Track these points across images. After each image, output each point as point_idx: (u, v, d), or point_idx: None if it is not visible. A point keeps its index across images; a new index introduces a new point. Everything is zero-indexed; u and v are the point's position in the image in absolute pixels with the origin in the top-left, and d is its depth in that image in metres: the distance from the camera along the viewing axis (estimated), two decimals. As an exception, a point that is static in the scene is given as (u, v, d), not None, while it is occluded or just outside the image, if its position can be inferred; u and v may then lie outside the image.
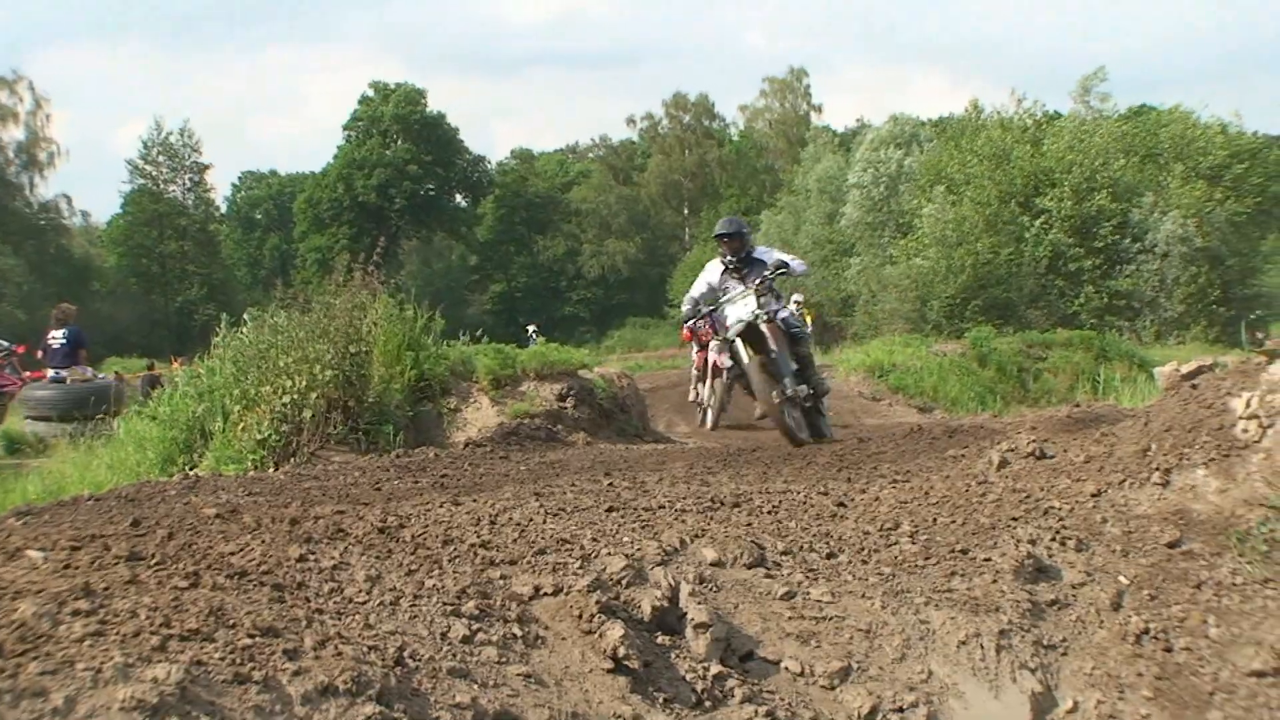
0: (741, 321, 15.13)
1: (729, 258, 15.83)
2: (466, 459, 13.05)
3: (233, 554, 5.38)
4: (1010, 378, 33.94)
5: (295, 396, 14.14)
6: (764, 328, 15.02)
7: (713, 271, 16.16)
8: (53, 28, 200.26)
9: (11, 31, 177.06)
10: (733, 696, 4.89)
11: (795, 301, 29.03)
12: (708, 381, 23.01)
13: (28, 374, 26.98)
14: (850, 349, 46.43)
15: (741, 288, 15.56)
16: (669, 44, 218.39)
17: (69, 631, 3.91)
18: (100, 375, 28.01)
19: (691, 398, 24.33)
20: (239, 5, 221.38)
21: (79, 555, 5.06)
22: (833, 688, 5.12)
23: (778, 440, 15.45)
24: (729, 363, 18.70)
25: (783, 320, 15.39)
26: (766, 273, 15.28)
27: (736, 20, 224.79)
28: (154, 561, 5.03)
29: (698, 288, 16.25)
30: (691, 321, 17.01)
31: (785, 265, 15.31)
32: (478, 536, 6.16)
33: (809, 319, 30.06)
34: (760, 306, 15.10)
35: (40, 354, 25.33)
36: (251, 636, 4.16)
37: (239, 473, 12.75)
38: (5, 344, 25.56)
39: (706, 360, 22.95)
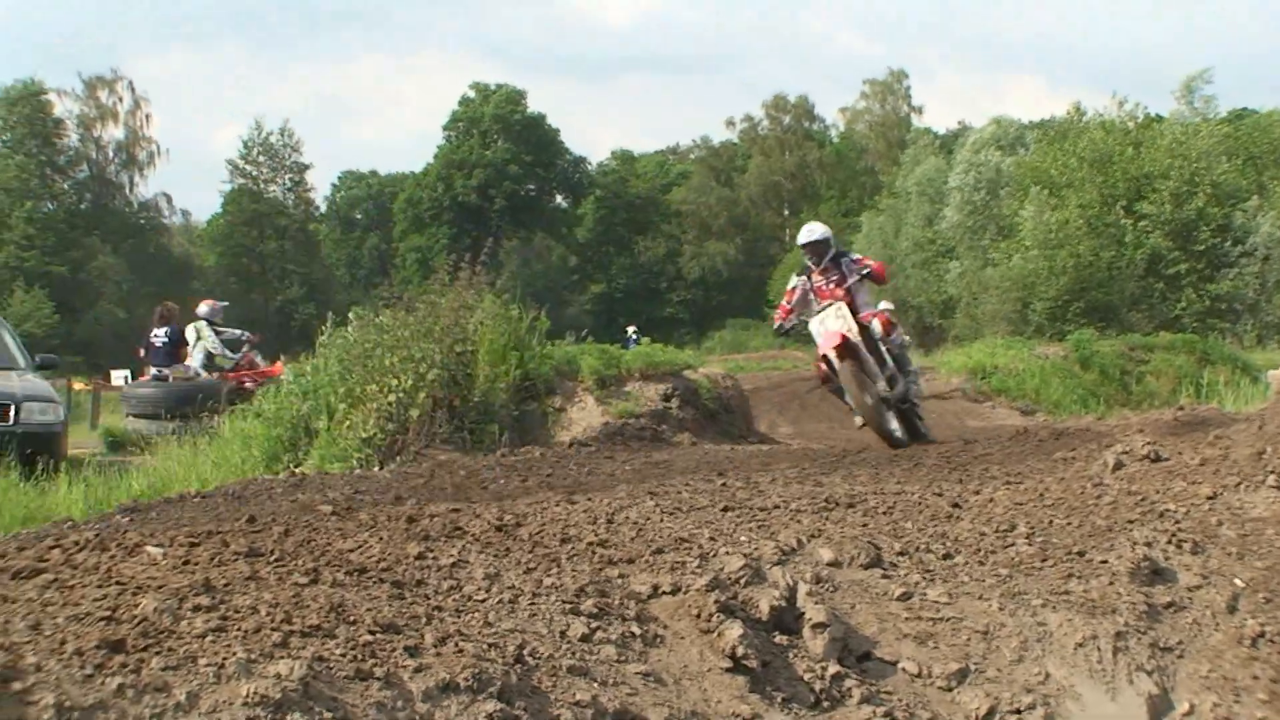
0: None
1: None
2: (572, 458, 13.10)
3: (351, 551, 5.42)
4: (1112, 381, 33.74)
5: (401, 395, 14.22)
6: None
7: None
8: (153, 30, 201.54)
9: (113, 33, 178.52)
10: (850, 697, 4.88)
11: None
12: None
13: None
14: (952, 351, 46.24)
15: None
16: (767, 47, 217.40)
17: (190, 627, 3.94)
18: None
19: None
20: (338, 8, 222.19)
21: (198, 551, 5.09)
22: (950, 689, 5.11)
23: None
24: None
25: None
26: None
27: (833, 23, 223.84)
28: (273, 558, 5.07)
29: None
30: None
31: None
32: (595, 535, 6.17)
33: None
34: None
35: (142, 352, 25.51)
36: (372, 633, 4.19)
37: (344, 471, 12.83)
38: (241, 334, 25.67)
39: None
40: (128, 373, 31.38)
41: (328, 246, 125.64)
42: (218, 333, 25.23)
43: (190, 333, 25.20)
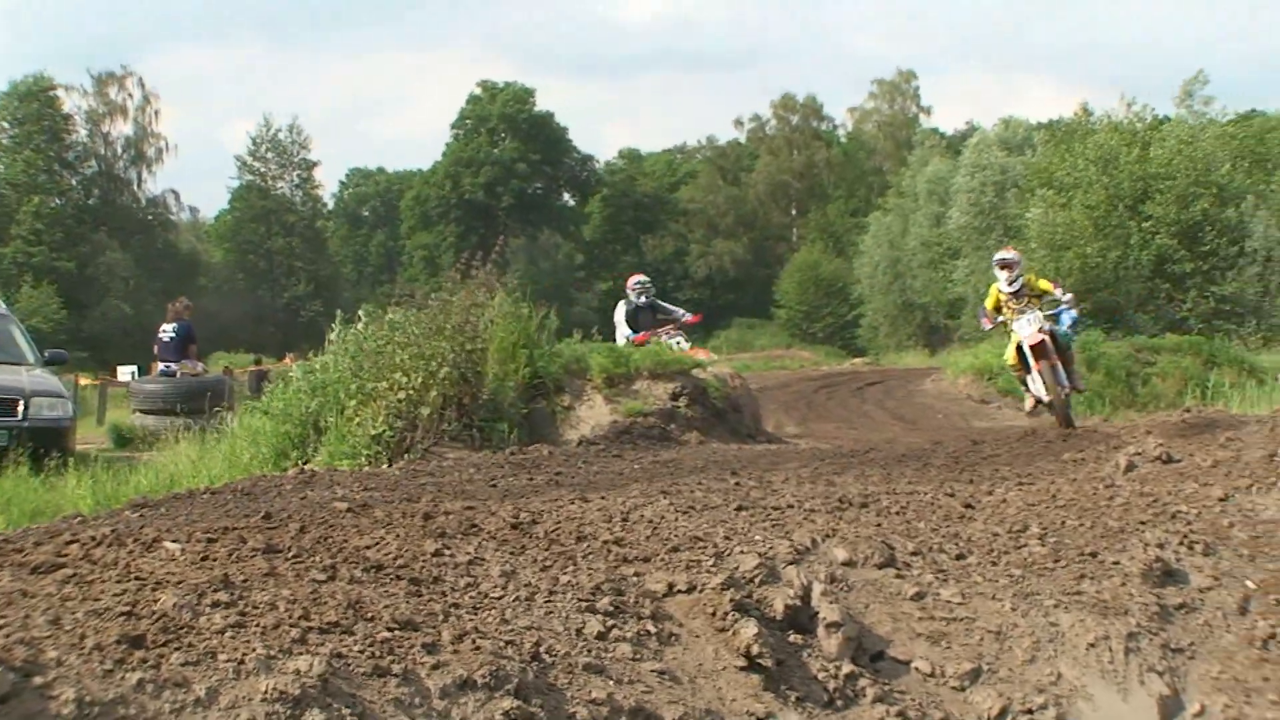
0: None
1: None
2: (580, 457, 13.09)
3: (368, 548, 5.44)
4: (1119, 382, 33.64)
5: (412, 393, 14.21)
6: None
7: None
8: (165, 26, 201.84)
9: (124, 29, 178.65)
10: (864, 696, 4.91)
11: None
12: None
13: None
14: (958, 351, 46.16)
15: None
16: (777, 46, 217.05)
17: (210, 623, 3.98)
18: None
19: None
20: (351, 6, 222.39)
21: (215, 547, 5.13)
22: (963, 689, 5.14)
23: (890, 442, 15.41)
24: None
25: None
26: None
27: (845, 23, 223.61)
28: (290, 554, 5.10)
29: None
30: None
31: None
32: (610, 533, 6.20)
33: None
34: None
35: (155, 348, 25.54)
36: (390, 630, 4.23)
37: (353, 468, 12.82)
38: (679, 311, 24.64)
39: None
40: (135, 368, 31.41)
41: (335, 243, 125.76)
42: None
43: None
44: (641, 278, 23.65)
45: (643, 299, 22.61)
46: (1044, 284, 19.00)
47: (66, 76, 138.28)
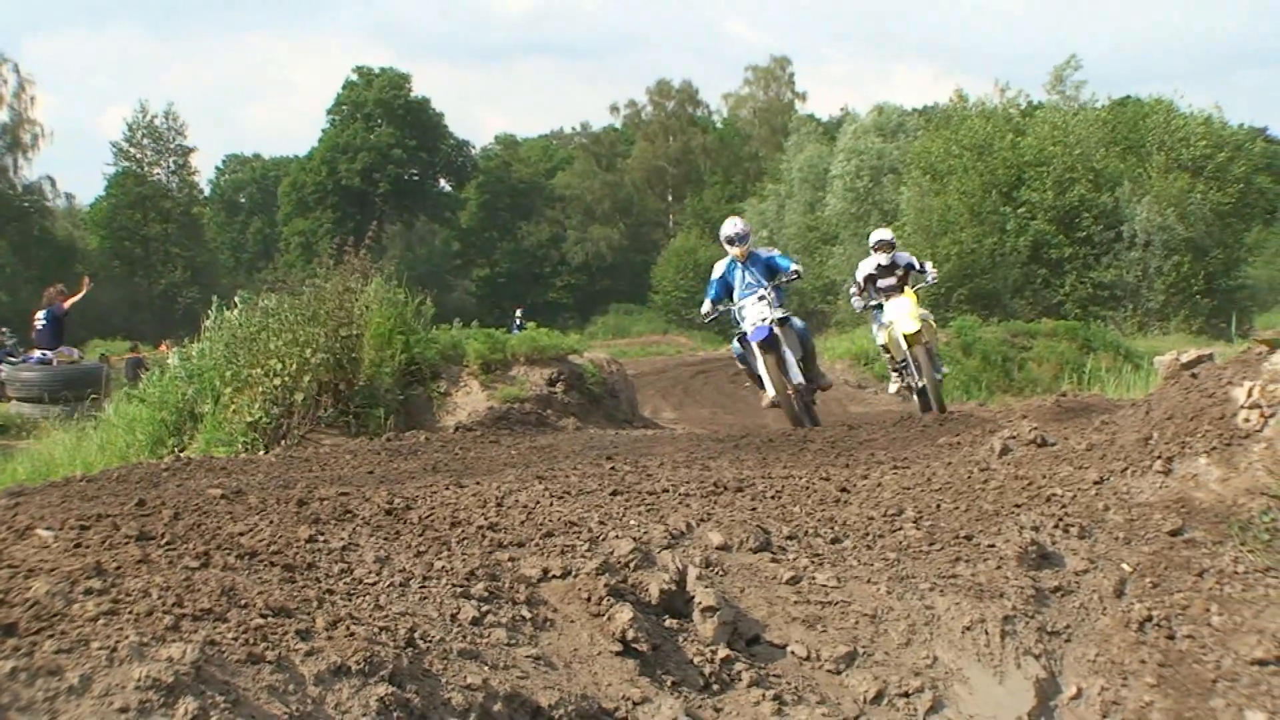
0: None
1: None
2: (457, 443, 13.05)
3: (242, 534, 5.39)
4: (995, 367, 33.92)
5: (286, 379, 14.13)
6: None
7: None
8: (42, 12, 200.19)
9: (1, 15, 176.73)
10: (740, 680, 4.91)
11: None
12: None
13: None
14: (835, 337, 46.32)
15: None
16: (654, 33, 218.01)
17: (82, 610, 3.91)
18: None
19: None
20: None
21: (88, 534, 5.05)
22: (839, 672, 5.15)
23: (765, 426, 15.43)
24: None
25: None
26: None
27: (722, 9, 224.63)
28: (164, 541, 5.04)
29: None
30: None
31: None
32: (485, 519, 6.18)
33: None
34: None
35: (33, 335, 25.46)
36: (264, 617, 4.17)
37: (230, 455, 12.74)
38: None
39: None
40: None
41: (212, 230, 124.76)
42: None
43: None
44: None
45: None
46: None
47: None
